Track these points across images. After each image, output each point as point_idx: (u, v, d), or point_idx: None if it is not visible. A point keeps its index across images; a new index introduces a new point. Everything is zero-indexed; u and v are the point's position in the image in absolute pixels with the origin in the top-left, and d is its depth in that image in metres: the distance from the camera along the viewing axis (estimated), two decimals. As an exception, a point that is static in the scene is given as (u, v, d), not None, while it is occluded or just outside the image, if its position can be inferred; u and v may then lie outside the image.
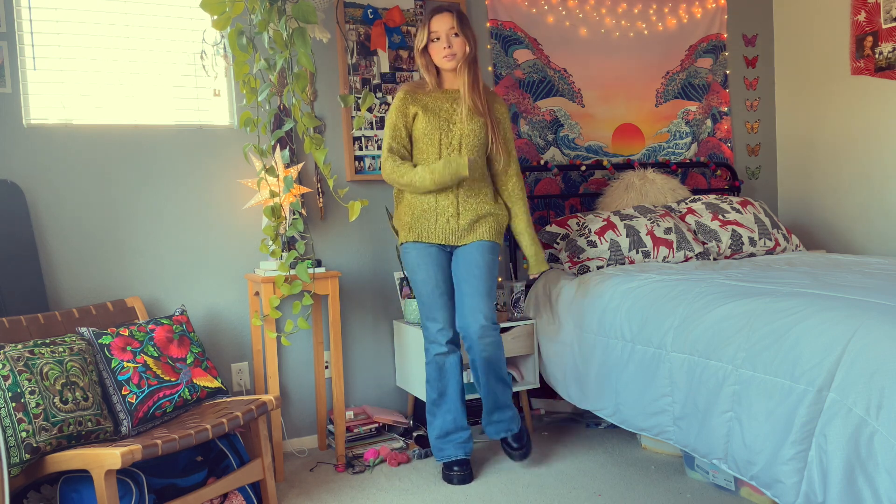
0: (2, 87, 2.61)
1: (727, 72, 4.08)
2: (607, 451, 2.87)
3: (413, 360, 3.04)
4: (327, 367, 3.11)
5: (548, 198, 3.58)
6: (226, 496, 2.37)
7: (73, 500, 2.08)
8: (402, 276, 3.15)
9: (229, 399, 2.48)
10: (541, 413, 3.39)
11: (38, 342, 2.18)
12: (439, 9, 2.66)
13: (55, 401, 2.06)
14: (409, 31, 3.29)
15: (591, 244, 3.11)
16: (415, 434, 3.07)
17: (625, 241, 3.12)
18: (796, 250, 3.48)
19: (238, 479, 2.31)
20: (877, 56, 3.60)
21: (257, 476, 2.37)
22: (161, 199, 2.87)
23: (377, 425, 3.05)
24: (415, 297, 3.07)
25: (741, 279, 2.54)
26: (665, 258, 3.16)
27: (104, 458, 1.92)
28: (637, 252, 3.12)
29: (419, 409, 3.22)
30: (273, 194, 2.68)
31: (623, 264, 3.09)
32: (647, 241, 3.15)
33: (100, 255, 2.77)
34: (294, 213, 2.83)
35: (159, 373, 2.34)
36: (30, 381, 2.04)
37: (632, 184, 3.53)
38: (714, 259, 3.29)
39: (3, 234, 2.52)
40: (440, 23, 2.63)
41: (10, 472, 1.92)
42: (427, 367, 2.69)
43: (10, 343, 2.19)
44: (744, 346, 2.08)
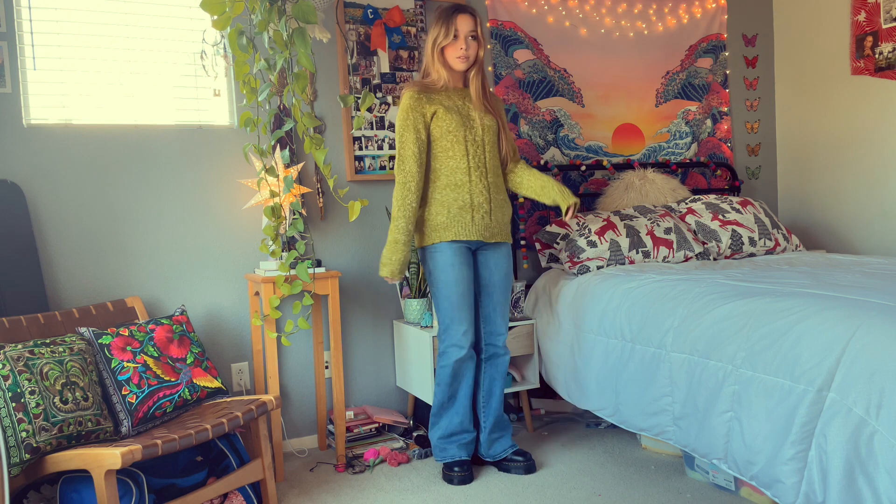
0: (2, 87, 2.61)
1: (727, 72, 4.08)
2: (607, 451, 2.87)
3: (413, 360, 3.04)
4: (327, 367, 3.11)
5: (548, 198, 3.58)
6: (226, 496, 2.37)
7: (73, 500, 2.08)
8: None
9: (229, 399, 2.48)
10: (541, 413, 3.40)
11: (39, 342, 2.18)
12: (462, 8, 2.62)
13: (55, 401, 2.06)
14: (409, 32, 3.28)
15: (591, 244, 3.10)
16: (415, 434, 3.07)
17: (625, 241, 3.12)
18: (796, 250, 3.48)
19: (238, 479, 2.31)
20: (877, 56, 3.60)
21: (257, 476, 2.37)
22: (161, 199, 2.88)
23: (377, 425, 3.05)
24: (414, 297, 3.08)
25: (741, 279, 2.54)
26: (665, 258, 3.16)
27: (104, 458, 1.92)
28: (637, 252, 3.12)
29: (419, 409, 3.22)
30: (273, 194, 2.68)
31: (623, 264, 3.09)
32: (647, 241, 3.15)
33: (100, 255, 2.77)
34: (294, 213, 2.84)
35: (159, 373, 2.34)
36: (30, 381, 2.04)
37: (632, 184, 3.53)
38: (714, 259, 3.29)
39: (3, 234, 2.52)
40: (464, 23, 2.59)
41: (10, 472, 1.92)
42: (440, 371, 2.64)
43: (10, 343, 2.19)
44: (744, 346, 2.08)
